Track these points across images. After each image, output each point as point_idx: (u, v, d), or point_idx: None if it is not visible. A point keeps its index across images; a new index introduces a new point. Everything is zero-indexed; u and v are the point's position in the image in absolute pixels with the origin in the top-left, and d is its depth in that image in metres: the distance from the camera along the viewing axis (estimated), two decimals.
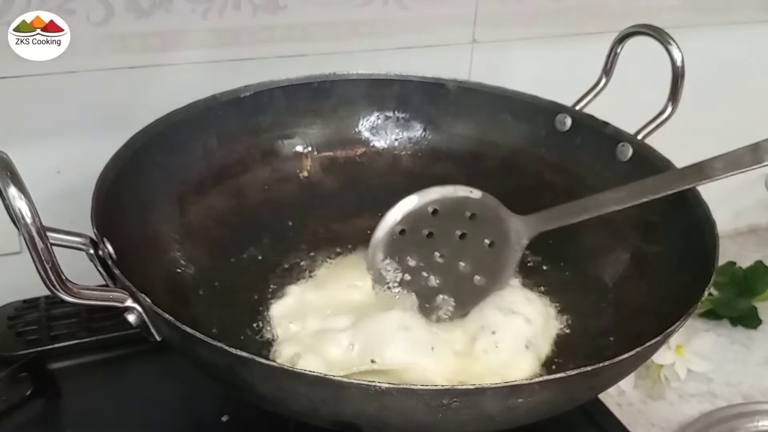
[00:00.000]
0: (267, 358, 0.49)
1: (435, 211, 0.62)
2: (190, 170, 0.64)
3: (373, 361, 0.54)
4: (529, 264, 0.65)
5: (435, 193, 0.62)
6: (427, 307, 0.59)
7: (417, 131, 0.73)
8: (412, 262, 0.61)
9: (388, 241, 0.61)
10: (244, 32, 0.68)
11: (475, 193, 0.62)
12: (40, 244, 0.41)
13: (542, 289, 0.64)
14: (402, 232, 0.61)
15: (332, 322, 0.57)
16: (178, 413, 0.61)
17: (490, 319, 0.58)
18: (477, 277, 0.61)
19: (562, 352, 0.58)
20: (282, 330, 0.58)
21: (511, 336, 0.57)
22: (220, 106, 0.65)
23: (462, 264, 0.61)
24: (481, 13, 0.76)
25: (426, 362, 0.55)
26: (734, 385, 0.74)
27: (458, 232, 0.62)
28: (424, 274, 0.61)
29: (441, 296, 0.60)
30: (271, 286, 0.62)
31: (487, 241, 0.61)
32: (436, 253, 0.62)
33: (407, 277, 0.61)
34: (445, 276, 0.61)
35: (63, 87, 0.64)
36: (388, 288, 0.61)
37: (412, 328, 0.56)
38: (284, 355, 0.55)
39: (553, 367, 0.56)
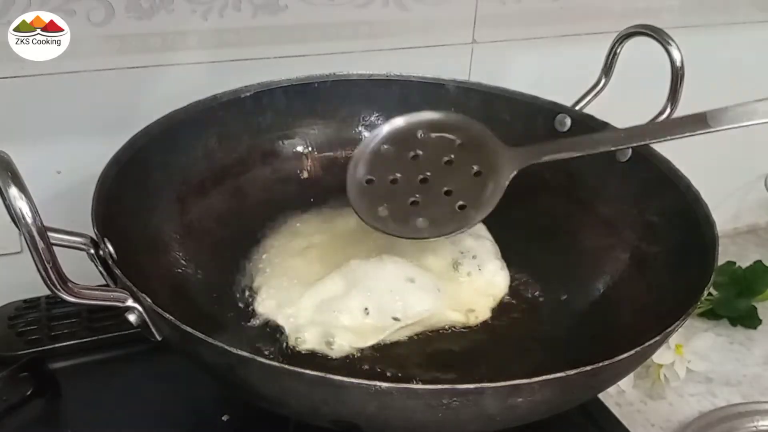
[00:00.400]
0: (285, 352, 0.52)
1: (423, 135, 0.61)
2: (191, 170, 0.64)
3: (396, 319, 0.55)
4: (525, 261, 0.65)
5: (425, 116, 0.61)
6: (403, 225, 0.58)
7: None
8: (392, 178, 0.59)
9: (370, 157, 0.60)
10: (244, 33, 0.68)
11: (466, 121, 0.61)
12: (40, 244, 0.41)
13: (539, 288, 0.64)
14: (387, 150, 0.60)
15: (325, 290, 0.57)
16: (179, 413, 0.61)
17: (465, 244, 0.62)
18: (459, 203, 0.58)
19: (562, 352, 0.58)
20: (283, 318, 0.58)
21: (488, 257, 0.62)
22: (221, 106, 0.65)
23: (445, 188, 0.59)
24: (481, 13, 0.76)
25: (439, 304, 0.58)
26: (734, 385, 0.74)
27: (445, 158, 0.60)
28: (405, 192, 0.59)
29: (419, 218, 0.58)
30: None
31: (474, 168, 0.59)
32: (420, 176, 0.59)
33: (386, 193, 0.59)
34: (426, 197, 0.59)
35: (63, 87, 0.64)
36: (368, 206, 0.58)
37: (416, 278, 0.58)
38: (310, 341, 0.55)
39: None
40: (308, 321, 0.57)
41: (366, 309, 0.56)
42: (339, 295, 0.57)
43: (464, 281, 0.62)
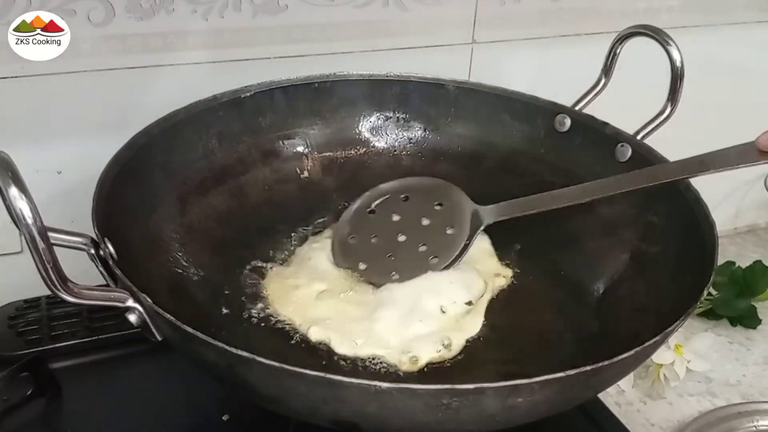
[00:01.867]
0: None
1: (407, 198, 0.67)
2: (191, 170, 0.64)
3: (468, 303, 0.61)
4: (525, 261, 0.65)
5: (407, 182, 0.68)
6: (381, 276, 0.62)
7: (417, 132, 0.73)
8: (374, 240, 0.65)
9: (356, 219, 0.66)
10: (244, 33, 0.68)
11: (445, 185, 0.67)
12: (41, 244, 0.41)
13: (539, 288, 0.64)
14: (372, 212, 0.66)
15: (395, 309, 0.59)
16: (179, 413, 0.61)
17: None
18: (433, 258, 0.63)
19: (562, 352, 0.58)
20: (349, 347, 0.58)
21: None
22: (221, 106, 0.65)
23: (422, 247, 0.64)
24: (481, 13, 0.76)
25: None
26: (733, 385, 0.74)
27: (424, 220, 0.65)
28: (384, 250, 0.64)
29: (393, 272, 0.62)
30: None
31: (449, 231, 0.64)
32: (400, 236, 0.65)
33: (366, 251, 0.64)
34: (403, 253, 0.64)
35: (63, 87, 0.64)
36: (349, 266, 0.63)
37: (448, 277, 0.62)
38: (427, 352, 0.56)
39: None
40: (404, 339, 0.57)
41: (441, 307, 0.59)
42: (410, 308, 0.59)
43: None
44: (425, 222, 0.65)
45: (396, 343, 0.57)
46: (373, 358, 0.56)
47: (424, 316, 0.58)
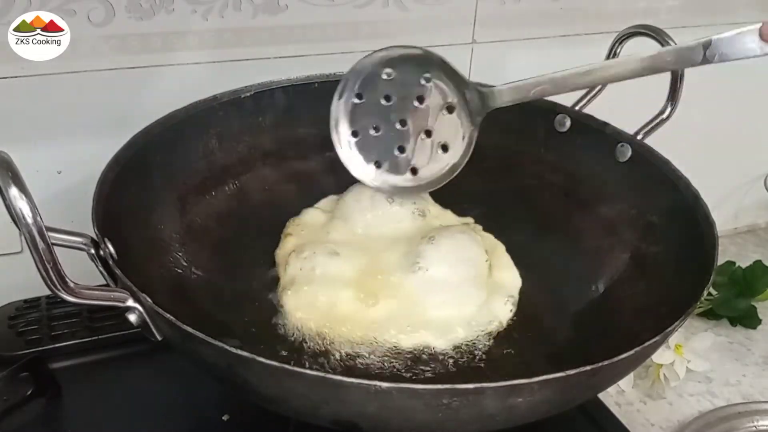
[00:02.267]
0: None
1: (390, 76, 0.62)
2: (191, 170, 0.64)
3: None
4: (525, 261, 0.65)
5: (384, 54, 0.62)
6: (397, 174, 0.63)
7: None
8: (374, 132, 0.63)
9: (348, 111, 0.63)
10: (244, 33, 0.68)
11: (426, 53, 0.61)
12: (41, 244, 0.41)
13: (539, 288, 0.64)
14: (360, 101, 0.63)
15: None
16: (179, 413, 0.61)
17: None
18: (440, 142, 0.61)
19: (563, 352, 0.58)
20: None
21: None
22: (221, 106, 0.65)
23: (425, 129, 0.62)
24: (481, 13, 0.76)
25: None
26: (733, 385, 0.74)
27: (416, 95, 0.62)
28: (389, 140, 0.63)
29: (409, 168, 0.62)
30: (272, 286, 0.62)
31: (446, 113, 0.61)
32: (398, 119, 0.62)
33: (373, 145, 0.63)
34: (409, 141, 0.62)
35: (63, 87, 0.64)
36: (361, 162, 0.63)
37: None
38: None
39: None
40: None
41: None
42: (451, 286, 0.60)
43: None
44: (418, 102, 0.62)
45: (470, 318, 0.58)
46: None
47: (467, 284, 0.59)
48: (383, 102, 0.63)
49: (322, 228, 0.65)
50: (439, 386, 0.42)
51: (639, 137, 0.64)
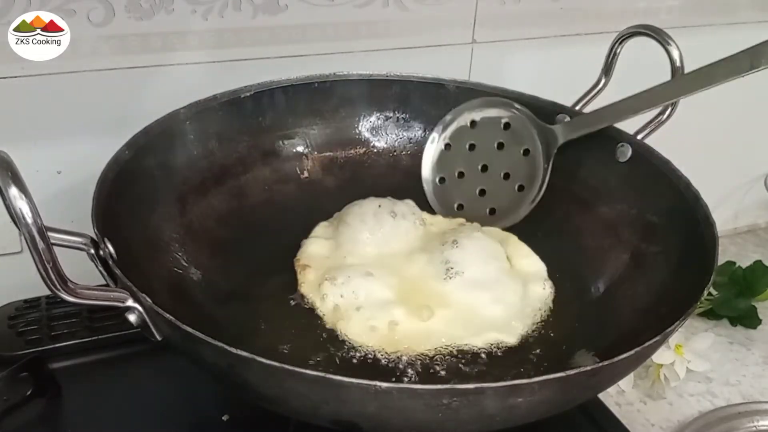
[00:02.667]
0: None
1: (473, 123, 0.69)
2: (191, 170, 0.64)
3: None
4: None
5: (470, 105, 0.70)
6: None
7: (417, 132, 0.73)
8: (460, 176, 0.69)
9: (437, 158, 0.70)
10: (244, 33, 0.68)
11: (506, 103, 0.68)
12: (41, 244, 0.41)
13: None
14: (448, 147, 0.70)
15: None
16: (179, 413, 0.61)
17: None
18: (518, 184, 0.65)
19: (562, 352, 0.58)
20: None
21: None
22: (221, 106, 0.65)
23: (503, 172, 0.66)
24: (481, 13, 0.76)
25: None
26: (733, 385, 0.74)
27: (496, 142, 0.68)
28: (472, 183, 0.69)
29: (488, 207, 0.68)
30: (272, 286, 0.62)
31: (524, 153, 0.67)
32: (480, 164, 0.69)
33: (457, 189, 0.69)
34: (490, 184, 0.68)
35: (63, 87, 0.64)
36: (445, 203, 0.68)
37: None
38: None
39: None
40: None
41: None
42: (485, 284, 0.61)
43: None
44: (498, 145, 0.68)
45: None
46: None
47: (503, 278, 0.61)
48: (468, 150, 0.69)
49: (333, 254, 0.64)
50: (439, 386, 0.42)
51: (639, 137, 0.64)
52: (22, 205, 0.40)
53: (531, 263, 0.64)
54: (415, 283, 0.61)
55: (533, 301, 0.61)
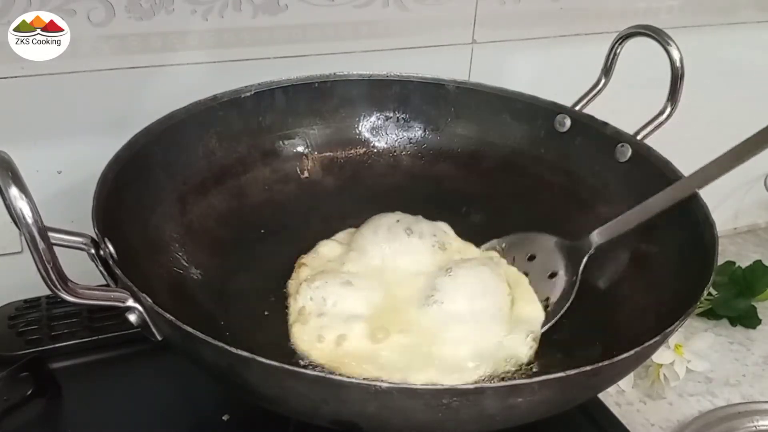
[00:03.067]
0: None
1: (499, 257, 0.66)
2: (191, 170, 0.64)
3: None
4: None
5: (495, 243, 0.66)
6: None
7: (417, 132, 0.73)
8: None
9: None
10: (244, 33, 0.68)
11: (529, 235, 0.65)
12: (41, 244, 0.41)
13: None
14: None
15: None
16: (179, 413, 0.61)
17: None
18: (545, 304, 0.61)
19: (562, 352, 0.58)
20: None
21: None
22: (221, 106, 0.65)
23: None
24: (481, 13, 0.76)
25: None
26: (733, 385, 0.74)
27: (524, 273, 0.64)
28: None
29: None
30: (272, 286, 0.62)
31: (550, 276, 0.63)
32: None
33: None
34: None
35: (63, 87, 0.64)
36: None
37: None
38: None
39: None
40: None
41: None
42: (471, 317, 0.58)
43: None
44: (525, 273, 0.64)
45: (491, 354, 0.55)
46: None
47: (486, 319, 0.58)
48: None
49: (338, 259, 0.63)
50: (439, 386, 0.42)
51: (639, 137, 0.64)
52: (22, 205, 0.40)
53: (530, 310, 0.60)
54: (397, 305, 0.58)
55: (508, 349, 0.56)
